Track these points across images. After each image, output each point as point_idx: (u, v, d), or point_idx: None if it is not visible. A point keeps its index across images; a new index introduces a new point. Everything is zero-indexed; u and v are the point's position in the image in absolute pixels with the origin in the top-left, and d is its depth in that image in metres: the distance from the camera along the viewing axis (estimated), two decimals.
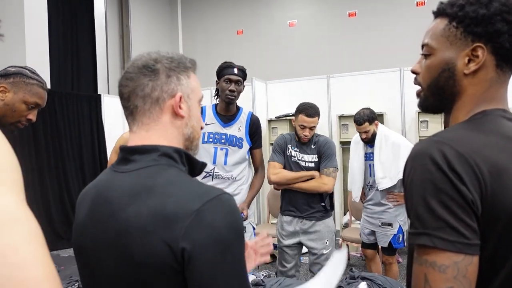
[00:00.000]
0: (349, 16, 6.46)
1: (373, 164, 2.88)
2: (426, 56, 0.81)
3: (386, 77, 4.49)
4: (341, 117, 4.63)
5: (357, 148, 3.05)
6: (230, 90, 2.18)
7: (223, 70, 2.21)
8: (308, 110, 2.48)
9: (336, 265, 1.42)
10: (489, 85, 0.75)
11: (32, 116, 1.55)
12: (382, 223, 2.87)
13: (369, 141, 2.90)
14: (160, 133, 0.79)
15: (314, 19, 6.71)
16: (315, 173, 2.50)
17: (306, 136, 2.50)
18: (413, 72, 0.85)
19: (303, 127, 2.48)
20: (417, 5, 6.01)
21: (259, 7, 7.06)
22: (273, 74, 6.04)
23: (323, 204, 2.52)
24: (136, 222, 0.69)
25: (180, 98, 0.80)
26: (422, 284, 0.66)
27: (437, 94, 0.80)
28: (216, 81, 2.25)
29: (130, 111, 0.80)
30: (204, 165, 0.85)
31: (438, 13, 0.80)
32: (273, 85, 5.12)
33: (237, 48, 7.03)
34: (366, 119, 2.79)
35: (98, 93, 5.98)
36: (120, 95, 0.81)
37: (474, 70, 0.74)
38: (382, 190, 2.85)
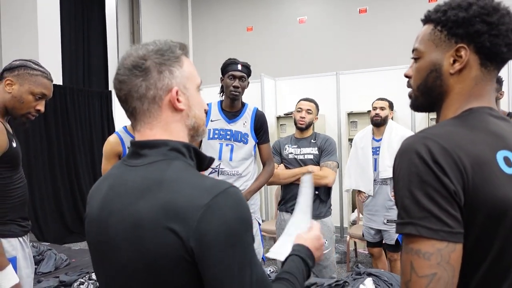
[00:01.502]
0: (359, 12, 6.41)
1: (378, 159, 2.90)
2: (416, 59, 0.86)
3: (396, 74, 4.45)
4: (350, 114, 4.61)
5: (362, 142, 3.05)
6: (234, 86, 2.19)
7: (227, 67, 2.23)
8: (306, 97, 2.68)
9: (305, 192, 1.40)
10: (475, 83, 0.79)
11: (41, 106, 1.60)
12: (387, 220, 2.86)
13: (379, 124, 2.93)
14: (164, 129, 0.80)
15: (324, 15, 6.67)
16: (310, 167, 2.52)
17: (302, 118, 2.57)
18: (406, 76, 0.90)
19: (300, 110, 2.61)
20: (429, 1, 5.94)
21: (269, 4, 7.06)
22: (282, 71, 6.04)
23: (316, 192, 2.51)
24: (147, 215, 0.71)
25: (177, 92, 0.79)
26: (408, 271, 0.69)
27: (426, 94, 0.85)
28: (221, 78, 2.27)
29: (130, 113, 0.81)
30: (212, 159, 0.86)
31: (425, 20, 0.85)
32: (282, 82, 5.12)
33: (246, 45, 7.04)
34: (388, 100, 2.97)
35: (110, 89, 6.06)
36: (118, 98, 0.82)
37: (459, 70, 0.79)
38: (388, 184, 2.86)
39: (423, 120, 4.30)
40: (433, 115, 4.13)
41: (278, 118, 4.96)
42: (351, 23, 6.43)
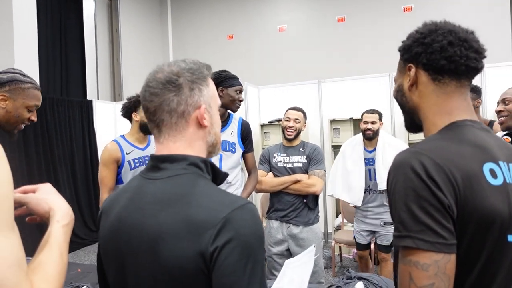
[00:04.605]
0: (338, 21, 6.56)
1: (374, 169, 2.95)
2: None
3: (376, 82, 4.59)
4: (332, 121, 4.69)
5: (354, 152, 3.08)
6: (240, 100, 2.30)
7: (232, 80, 2.29)
8: (294, 106, 2.71)
9: (305, 263, 1.46)
10: (436, 96, 0.88)
11: (34, 117, 1.62)
12: (384, 222, 2.95)
13: (371, 138, 2.97)
14: (187, 143, 0.83)
15: (304, 24, 6.79)
16: (298, 176, 2.55)
17: (291, 127, 2.61)
18: None
19: (288, 119, 2.64)
20: (404, 11, 6.15)
21: (249, 12, 7.13)
22: (264, 79, 6.10)
23: (304, 200, 2.55)
24: (169, 228, 0.73)
25: (204, 109, 0.84)
26: (407, 282, 0.73)
27: (402, 111, 0.97)
28: (221, 88, 2.27)
29: (156, 124, 0.83)
30: (226, 174, 0.89)
31: None
32: (265, 90, 5.17)
33: (227, 53, 7.08)
34: (378, 112, 3.00)
35: (88, 98, 5.95)
36: (145, 109, 0.84)
37: (412, 85, 0.91)
38: (383, 192, 2.95)
39: (402, 126, 4.39)
40: None
41: (262, 126, 5.00)
42: (330, 31, 6.56)
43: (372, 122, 2.94)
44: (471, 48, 0.84)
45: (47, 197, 0.80)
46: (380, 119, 2.99)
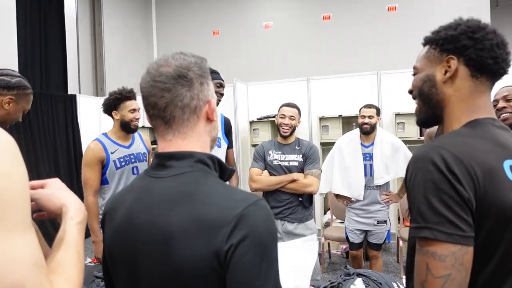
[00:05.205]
0: (323, 19, 6.61)
1: (371, 164, 2.95)
2: (414, 75, 0.98)
3: (364, 80, 4.64)
4: (321, 119, 4.72)
5: (351, 146, 3.05)
6: (221, 94, 2.32)
7: (213, 74, 2.30)
8: (288, 103, 2.68)
9: (308, 252, 1.44)
10: (469, 93, 0.88)
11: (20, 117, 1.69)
12: (377, 221, 2.96)
13: (368, 132, 2.96)
14: (196, 140, 0.81)
15: (290, 21, 6.81)
16: (295, 175, 2.54)
17: (286, 125, 2.59)
18: (410, 92, 0.99)
19: (283, 116, 2.61)
20: (388, 10, 6.24)
21: (234, 8, 7.09)
22: (251, 75, 6.08)
23: (300, 199, 2.56)
24: (179, 228, 0.71)
25: (213, 104, 0.83)
26: (424, 272, 0.75)
27: (426, 103, 0.94)
28: None
29: (166, 121, 0.80)
30: (233, 171, 0.87)
31: (424, 43, 0.97)
32: (254, 87, 5.15)
33: (213, 49, 7.02)
34: (375, 107, 2.99)
35: (69, 93, 5.78)
36: (153, 105, 0.79)
37: (450, 77, 0.89)
38: (378, 189, 2.96)
39: (390, 123, 4.49)
40: (400, 119, 4.35)
41: (251, 122, 4.98)
42: (316, 29, 6.60)
43: (369, 117, 2.93)
44: (508, 54, 0.86)
45: (58, 193, 0.77)
46: (378, 114, 2.99)
